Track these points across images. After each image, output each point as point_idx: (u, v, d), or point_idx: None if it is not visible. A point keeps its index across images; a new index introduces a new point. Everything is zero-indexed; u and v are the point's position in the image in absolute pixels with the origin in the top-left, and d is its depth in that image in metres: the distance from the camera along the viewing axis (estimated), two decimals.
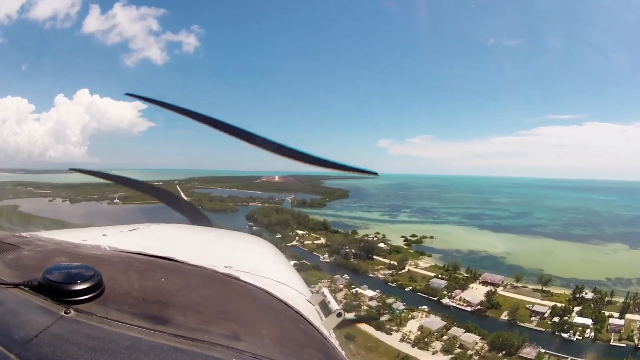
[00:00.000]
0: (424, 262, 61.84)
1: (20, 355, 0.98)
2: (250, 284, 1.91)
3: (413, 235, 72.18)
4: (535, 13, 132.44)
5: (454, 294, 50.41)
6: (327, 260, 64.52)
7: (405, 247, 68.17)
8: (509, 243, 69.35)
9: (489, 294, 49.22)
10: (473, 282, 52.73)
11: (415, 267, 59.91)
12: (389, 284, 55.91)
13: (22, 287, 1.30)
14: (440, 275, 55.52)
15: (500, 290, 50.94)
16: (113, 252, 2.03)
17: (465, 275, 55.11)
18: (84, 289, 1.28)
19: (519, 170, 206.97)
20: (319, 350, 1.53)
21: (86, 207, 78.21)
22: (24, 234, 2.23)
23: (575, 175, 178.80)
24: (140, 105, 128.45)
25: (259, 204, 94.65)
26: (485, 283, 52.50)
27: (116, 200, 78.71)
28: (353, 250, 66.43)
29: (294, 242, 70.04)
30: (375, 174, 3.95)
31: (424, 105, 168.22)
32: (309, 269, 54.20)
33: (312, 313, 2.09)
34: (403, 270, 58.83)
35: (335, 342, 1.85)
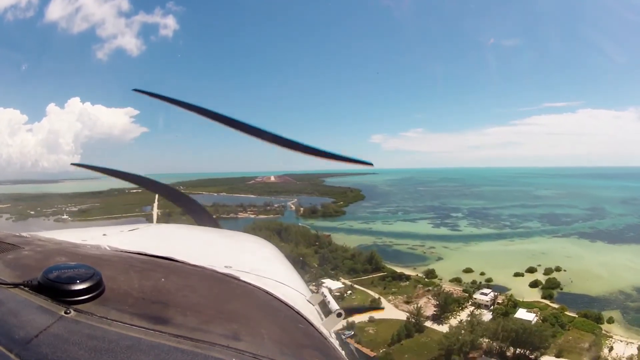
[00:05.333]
0: (620, 344, 33.53)
1: (20, 355, 0.97)
2: (250, 284, 1.91)
3: (530, 270, 45.13)
4: (527, 4, 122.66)
5: None
6: None
7: (547, 303, 39.71)
8: None
9: None
10: None
11: None
12: None
13: (22, 287, 1.29)
14: None
15: None
16: (113, 252, 2.02)
17: None
18: (83, 288, 1.27)
19: (516, 160, 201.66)
20: (319, 350, 1.53)
21: (23, 226, 63.80)
22: (24, 234, 2.19)
23: (572, 162, 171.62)
24: (133, 111, 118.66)
25: (252, 215, 64.73)
26: None
27: (64, 217, 67.94)
28: (484, 341, 33.25)
29: None
30: (371, 164, 4.00)
31: (415, 98, 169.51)
32: None
33: (312, 313, 2.08)
34: None
35: (335, 342, 1.83)
